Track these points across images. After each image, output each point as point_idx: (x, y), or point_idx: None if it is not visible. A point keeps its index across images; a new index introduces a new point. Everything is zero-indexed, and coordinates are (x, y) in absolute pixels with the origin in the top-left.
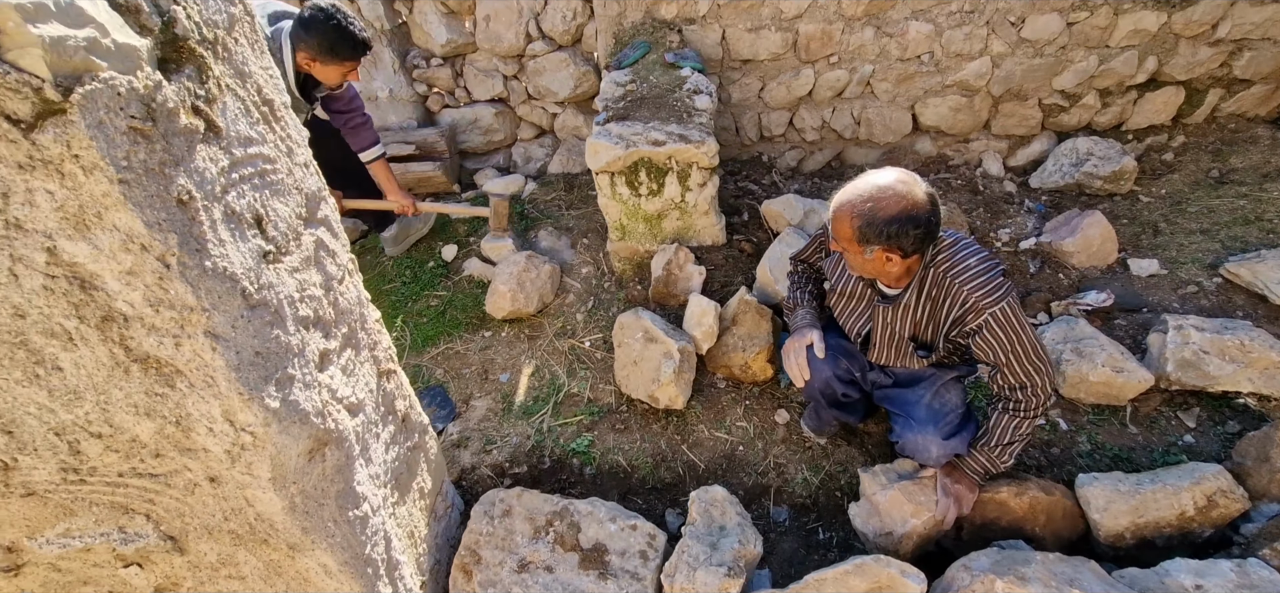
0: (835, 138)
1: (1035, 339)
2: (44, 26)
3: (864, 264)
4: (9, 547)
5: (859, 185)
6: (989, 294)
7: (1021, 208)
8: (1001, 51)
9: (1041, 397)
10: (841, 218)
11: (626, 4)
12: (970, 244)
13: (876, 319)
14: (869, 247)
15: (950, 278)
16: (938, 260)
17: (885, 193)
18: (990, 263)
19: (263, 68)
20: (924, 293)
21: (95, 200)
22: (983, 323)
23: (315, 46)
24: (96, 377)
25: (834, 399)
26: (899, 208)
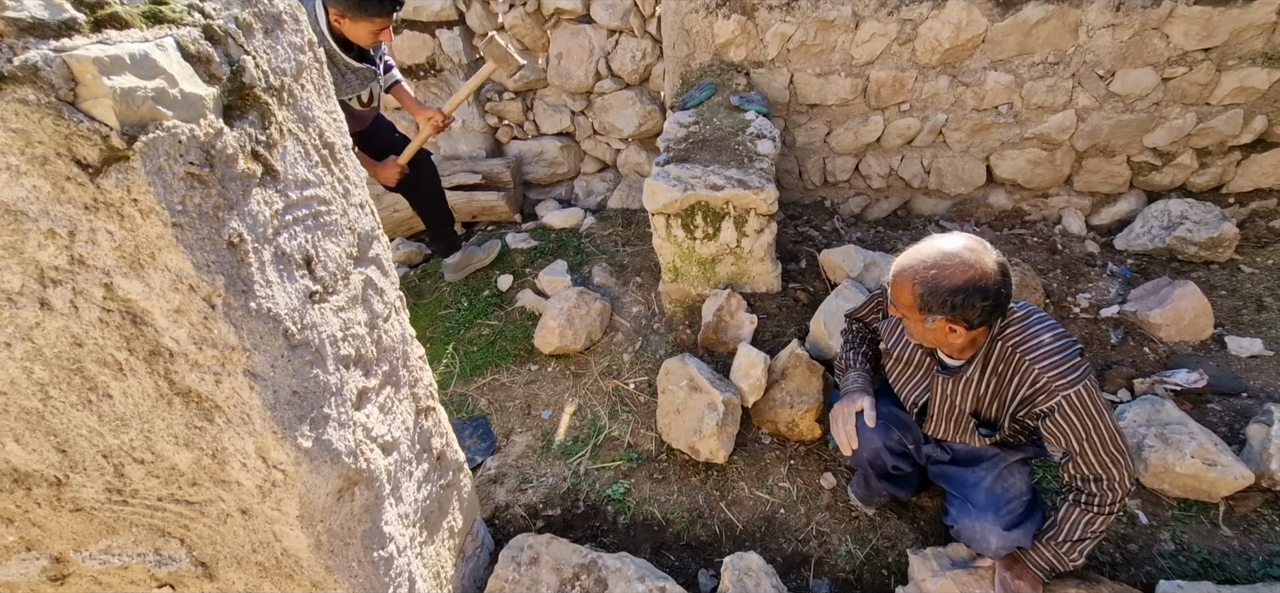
0: (902, 186)
1: (1114, 427)
2: (117, 78)
3: (925, 333)
4: (57, 557)
5: (923, 250)
6: (1063, 375)
7: (1104, 271)
8: (1088, 105)
9: (1119, 491)
10: (903, 283)
11: (695, 46)
12: (1044, 318)
13: (935, 391)
14: (931, 316)
15: (1020, 354)
16: (1007, 333)
17: (951, 260)
18: (1066, 341)
19: (327, 111)
20: (990, 368)
21: (149, 242)
22: (1055, 405)
23: (345, 3)
24: (142, 406)
25: (883, 471)
26: (966, 277)
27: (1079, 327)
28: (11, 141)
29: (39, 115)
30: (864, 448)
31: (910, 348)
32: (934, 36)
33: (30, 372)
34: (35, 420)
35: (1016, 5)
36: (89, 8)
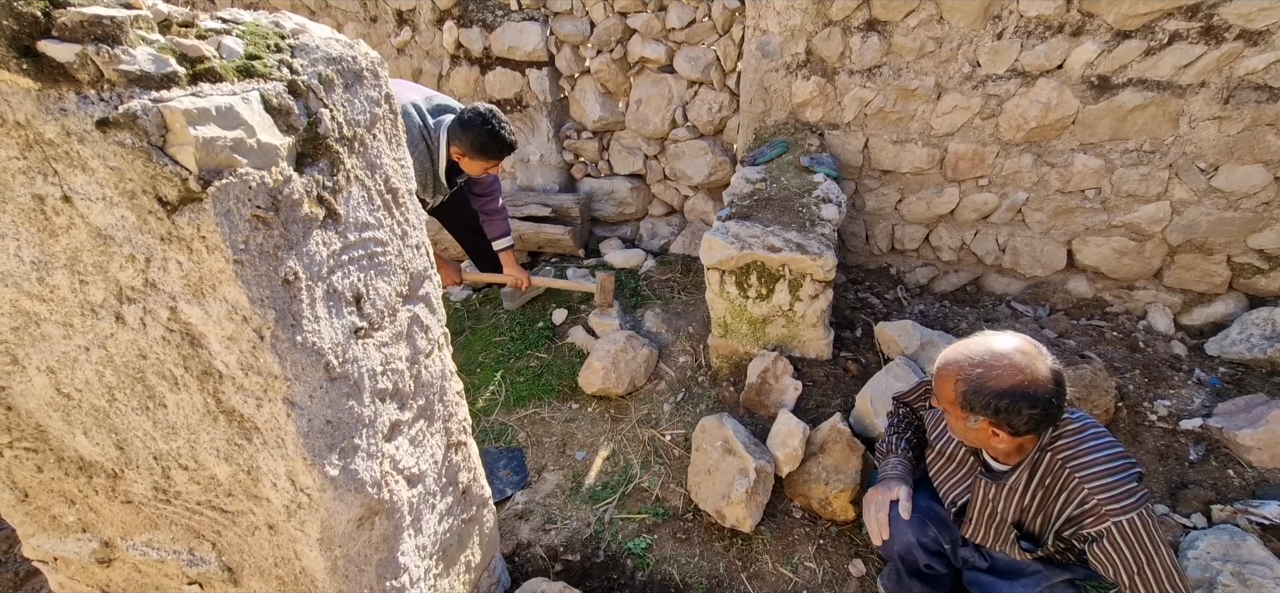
0: (974, 262)
1: (1171, 564)
2: (201, 128)
3: (967, 432)
4: (106, 542)
5: (972, 345)
6: (1116, 499)
7: (1190, 377)
8: (1185, 199)
9: None
10: (947, 377)
11: (771, 103)
12: (1101, 434)
13: (976, 494)
14: (974, 416)
15: (1070, 470)
16: (1058, 445)
17: (1000, 360)
18: (1123, 461)
19: (394, 159)
20: (1036, 478)
21: (212, 274)
22: (1104, 532)
23: (467, 144)
24: (191, 419)
25: (915, 568)
26: (1014, 381)
27: (1154, 437)
28: (108, 176)
29: (132, 156)
30: (896, 540)
31: (954, 444)
32: (1020, 114)
33: (102, 375)
34: (101, 418)
35: (1112, 90)
36: (190, 62)
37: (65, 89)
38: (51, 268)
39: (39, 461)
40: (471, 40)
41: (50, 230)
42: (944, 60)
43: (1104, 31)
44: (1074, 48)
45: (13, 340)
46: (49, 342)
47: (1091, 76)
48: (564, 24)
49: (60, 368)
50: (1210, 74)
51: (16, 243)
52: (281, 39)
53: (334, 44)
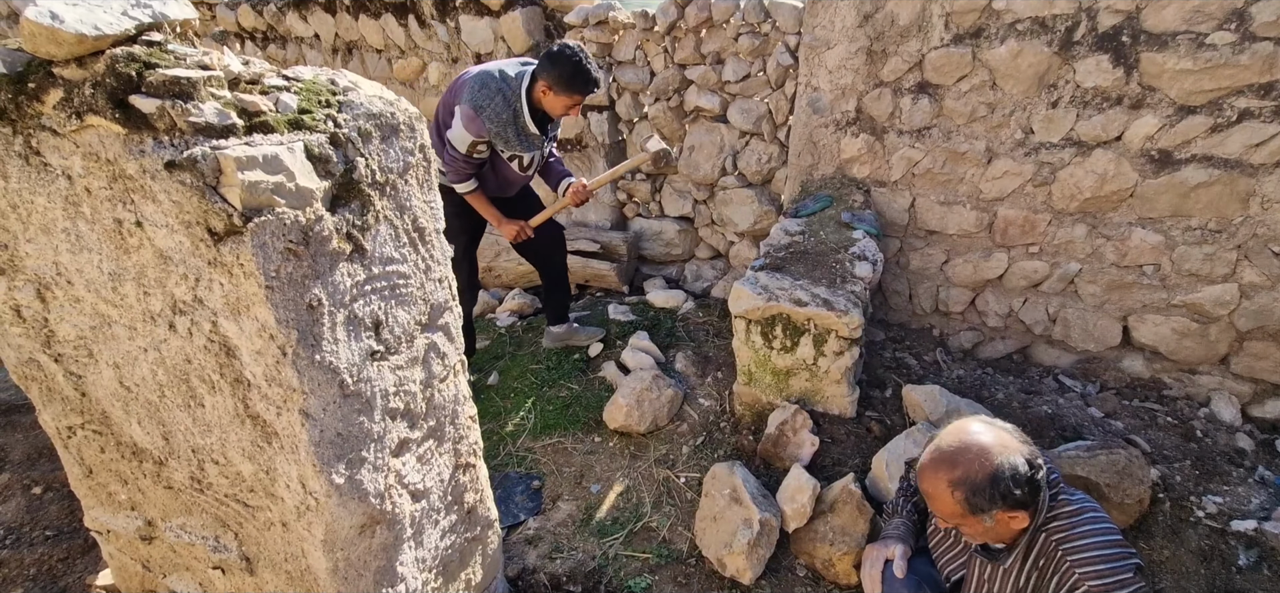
0: (1022, 330)
1: None
2: (248, 173)
3: (986, 532)
4: (149, 521)
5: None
6: (1106, 587)
7: (1251, 474)
8: (1256, 282)
9: None
10: (940, 498)
11: (819, 157)
12: (1099, 517)
13: (972, 572)
14: (986, 514)
15: (1062, 552)
16: (1052, 525)
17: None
18: (1119, 550)
19: (424, 200)
20: (1031, 559)
21: (247, 296)
22: None
23: (554, 76)
24: (223, 419)
25: None
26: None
27: (1198, 535)
28: (171, 208)
29: (191, 193)
30: None
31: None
32: (1074, 183)
33: (155, 374)
34: (153, 411)
35: (1174, 165)
36: (248, 115)
37: (145, 134)
38: (123, 279)
39: (102, 442)
40: None
41: (125, 248)
42: (996, 125)
43: (1166, 105)
44: (1133, 120)
45: (90, 337)
46: (117, 341)
47: (1151, 150)
48: (626, 72)
49: (124, 364)
50: None
51: (99, 256)
52: (333, 95)
53: (377, 101)
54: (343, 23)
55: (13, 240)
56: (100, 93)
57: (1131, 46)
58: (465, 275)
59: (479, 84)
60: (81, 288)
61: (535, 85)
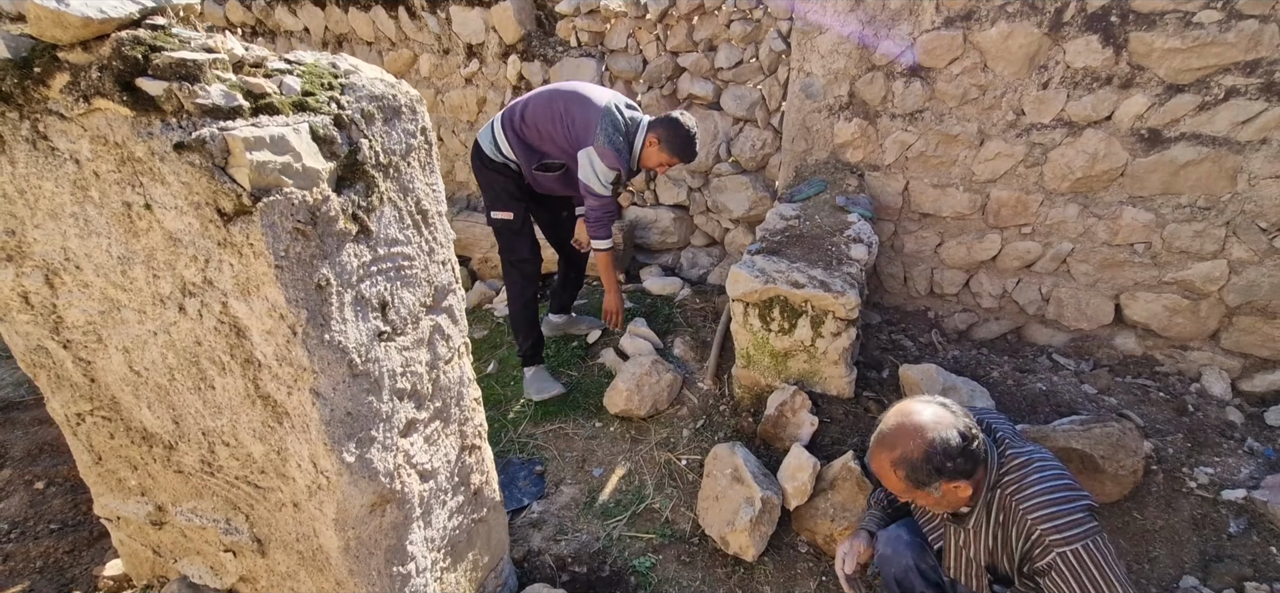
0: (1016, 310)
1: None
2: (256, 153)
3: (938, 503)
4: (159, 506)
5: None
6: (1060, 530)
7: (1239, 446)
8: (1244, 258)
9: None
10: (887, 477)
11: (813, 143)
12: (1047, 466)
13: (949, 538)
14: (932, 487)
15: (1017, 504)
16: (1005, 482)
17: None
18: (1069, 493)
19: (426, 183)
20: (993, 518)
21: (256, 276)
22: (1051, 563)
23: (667, 136)
24: (233, 400)
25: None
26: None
27: (1191, 505)
28: (181, 189)
29: (200, 174)
30: (895, 562)
31: None
32: (1066, 164)
33: (165, 357)
34: (163, 395)
35: (1164, 143)
36: (254, 97)
37: (153, 117)
38: (132, 262)
39: (112, 428)
40: (532, 73)
41: (134, 231)
42: (987, 107)
43: (1155, 84)
44: (1123, 100)
45: (100, 322)
46: (126, 325)
47: (1141, 129)
48: (618, 61)
49: (133, 348)
50: (1271, 131)
51: (108, 240)
52: (334, 78)
53: (378, 84)
54: (332, 16)
55: (20, 226)
56: (107, 76)
57: (1120, 26)
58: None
59: (612, 126)
60: (90, 273)
61: (650, 133)
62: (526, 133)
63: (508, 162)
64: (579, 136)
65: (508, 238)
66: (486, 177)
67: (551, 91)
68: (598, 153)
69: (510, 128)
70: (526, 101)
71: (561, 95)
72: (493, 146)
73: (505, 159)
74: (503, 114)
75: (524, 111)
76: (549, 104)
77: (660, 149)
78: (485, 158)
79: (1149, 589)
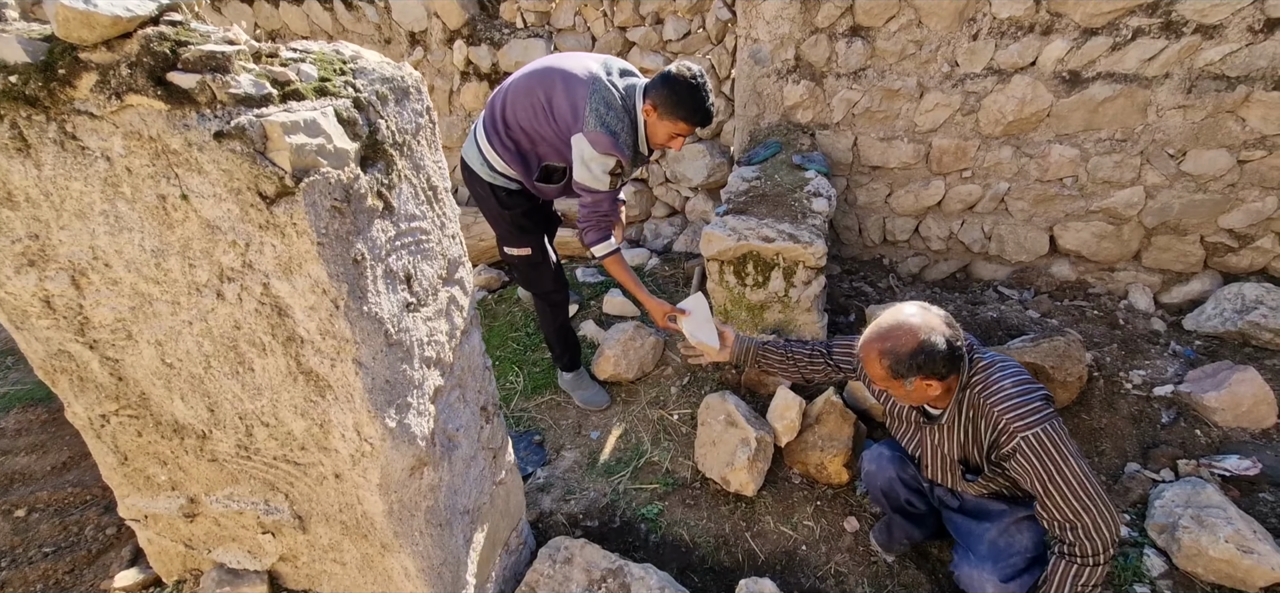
0: (962, 250)
1: (1083, 472)
2: (294, 136)
3: (908, 395)
4: (192, 498)
5: (878, 329)
6: (1021, 416)
7: (1165, 350)
8: (1157, 183)
9: (1097, 541)
10: (871, 362)
11: (764, 106)
12: (1008, 366)
13: (924, 440)
14: (907, 379)
15: (984, 399)
16: (974, 382)
17: (902, 328)
18: (1028, 385)
19: (434, 160)
20: (964, 414)
21: (300, 255)
22: (1015, 447)
23: (664, 98)
24: (274, 380)
25: (898, 505)
26: (920, 337)
27: (1128, 403)
28: (220, 177)
29: (240, 160)
30: (879, 475)
31: (902, 407)
32: (998, 109)
33: (201, 345)
34: (197, 384)
35: (1083, 83)
36: (280, 85)
37: (188, 109)
38: (167, 255)
39: (139, 425)
40: (480, 58)
41: (168, 223)
42: (924, 61)
43: (1072, 29)
44: (1045, 46)
45: (130, 318)
46: (159, 318)
47: (1063, 72)
48: (567, 40)
49: (166, 340)
50: (1173, 66)
51: (141, 234)
52: (344, 64)
53: (386, 67)
54: (262, 11)
55: (44, 230)
56: (139, 72)
57: None
58: (552, 277)
59: (603, 103)
60: (120, 269)
61: (646, 101)
62: (515, 138)
63: (507, 181)
64: (568, 126)
65: (528, 273)
66: (488, 202)
67: (528, 77)
68: (588, 140)
69: (495, 135)
70: (504, 96)
71: (539, 79)
72: (483, 164)
73: (503, 176)
74: (484, 117)
75: (504, 112)
76: (528, 95)
77: (661, 117)
78: (478, 178)
79: (1100, 478)
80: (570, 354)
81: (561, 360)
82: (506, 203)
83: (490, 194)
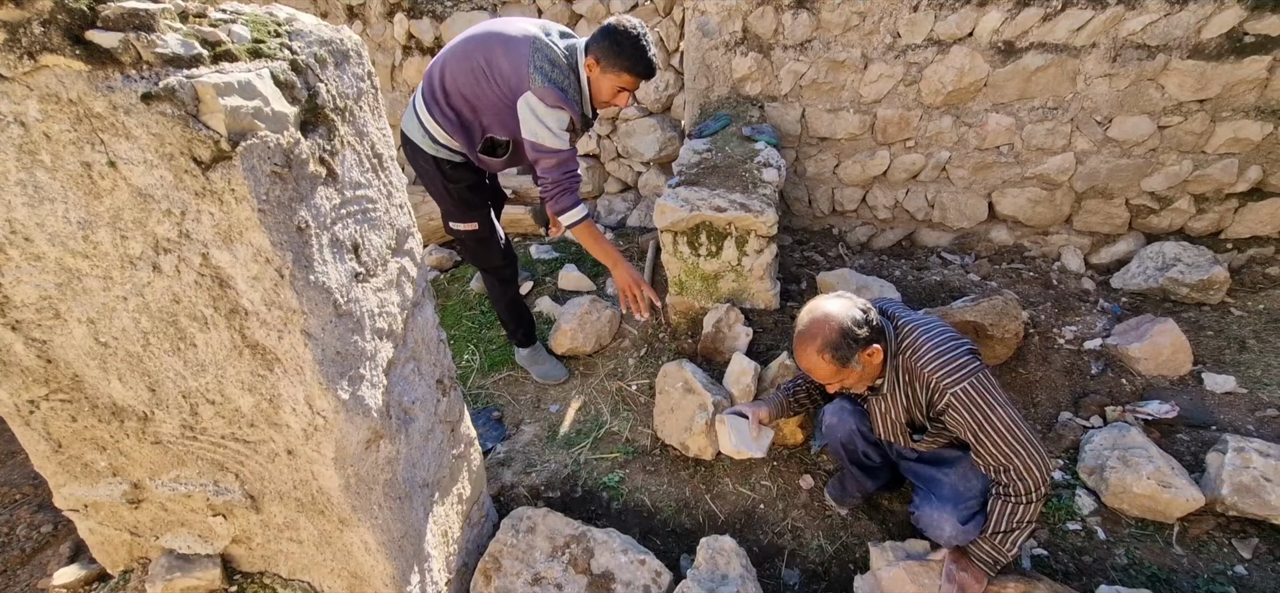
0: (908, 218)
1: (1011, 418)
2: (228, 98)
3: (861, 378)
4: (135, 484)
5: (807, 328)
6: (949, 374)
7: (1094, 307)
8: (1086, 149)
9: (1028, 481)
10: (812, 362)
11: (714, 79)
12: (931, 328)
13: (873, 409)
14: (853, 361)
15: (915, 363)
16: (903, 347)
17: (828, 316)
18: (952, 342)
19: (378, 128)
20: (901, 380)
21: (240, 222)
22: (948, 403)
23: (606, 51)
24: (218, 355)
25: (856, 457)
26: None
27: (1061, 357)
28: (150, 142)
29: (172, 124)
30: (840, 428)
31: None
32: (938, 79)
33: (138, 322)
34: (135, 363)
35: (1017, 53)
36: (211, 46)
37: (111, 70)
38: (95, 226)
39: (73, 410)
40: (422, 31)
41: (96, 193)
42: (868, 33)
43: (1006, 0)
44: (981, 16)
45: (56, 296)
46: (90, 295)
47: (998, 42)
48: (512, 13)
49: (99, 318)
50: (1099, 36)
51: (65, 206)
52: (278, 26)
53: (324, 29)
54: None
55: None
56: (54, 30)
57: None
58: (500, 251)
59: (546, 61)
60: (43, 243)
61: (587, 57)
62: (456, 108)
63: (450, 153)
64: (512, 89)
65: (475, 248)
66: (431, 178)
67: (466, 42)
68: (537, 95)
69: (436, 106)
70: (442, 65)
71: (477, 44)
72: (425, 136)
73: (446, 148)
74: (422, 87)
75: (443, 80)
76: (466, 61)
77: (604, 71)
78: (420, 151)
79: (1035, 427)
80: (524, 329)
81: (516, 336)
82: (451, 176)
83: (434, 168)
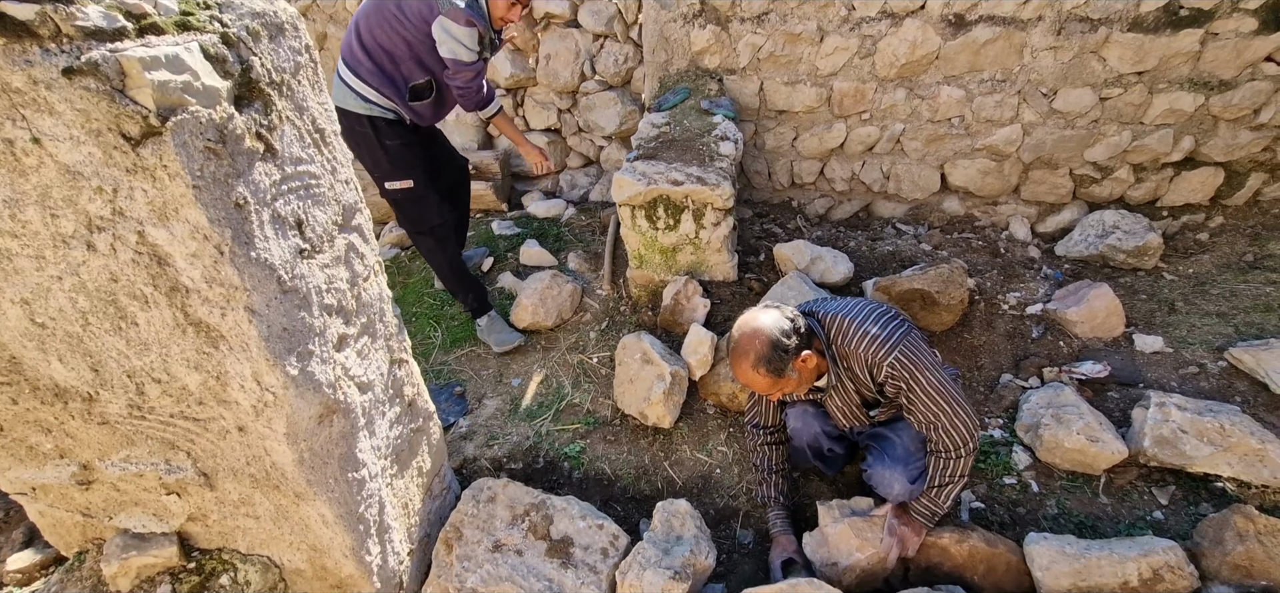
0: (864, 190)
1: (940, 381)
2: (155, 73)
3: (800, 384)
4: (84, 465)
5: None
6: (882, 345)
7: (1038, 274)
8: (1032, 120)
9: (957, 439)
10: (751, 377)
11: (673, 52)
12: (849, 308)
13: (829, 403)
14: (789, 371)
15: (849, 348)
16: (836, 340)
17: (755, 331)
18: (875, 316)
19: (319, 103)
20: (842, 370)
21: (175, 199)
22: (885, 374)
23: None
24: (161, 333)
25: (820, 453)
26: (772, 327)
27: (1005, 322)
28: (76, 118)
29: (97, 99)
30: (805, 431)
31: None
32: (892, 52)
33: (75, 302)
34: (75, 343)
35: (967, 26)
36: (135, 18)
37: (29, 43)
38: (23, 205)
39: (13, 392)
40: None
41: (20, 170)
42: (823, 5)
43: None
44: None
45: None
46: (21, 275)
47: (949, 15)
48: None
49: (34, 299)
50: (1044, 9)
51: None
52: None
53: (257, 1)
54: None
55: None
56: None
57: None
58: (436, 209)
59: None
60: None
61: None
62: (378, 61)
63: (383, 109)
64: (425, 18)
65: (410, 208)
66: (365, 141)
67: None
68: (449, 17)
69: (359, 65)
70: (356, 26)
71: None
72: (354, 97)
73: (378, 105)
74: (342, 55)
75: (360, 38)
76: (379, 11)
77: None
78: (354, 116)
79: (978, 389)
80: (475, 294)
81: (470, 304)
82: (386, 132)
83: (369, 127)
